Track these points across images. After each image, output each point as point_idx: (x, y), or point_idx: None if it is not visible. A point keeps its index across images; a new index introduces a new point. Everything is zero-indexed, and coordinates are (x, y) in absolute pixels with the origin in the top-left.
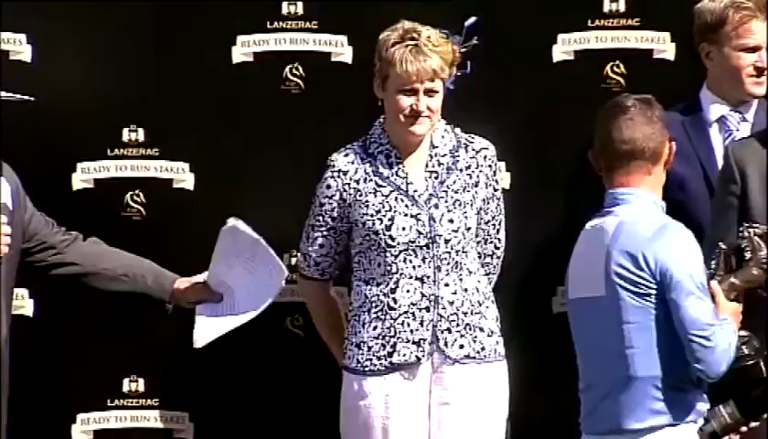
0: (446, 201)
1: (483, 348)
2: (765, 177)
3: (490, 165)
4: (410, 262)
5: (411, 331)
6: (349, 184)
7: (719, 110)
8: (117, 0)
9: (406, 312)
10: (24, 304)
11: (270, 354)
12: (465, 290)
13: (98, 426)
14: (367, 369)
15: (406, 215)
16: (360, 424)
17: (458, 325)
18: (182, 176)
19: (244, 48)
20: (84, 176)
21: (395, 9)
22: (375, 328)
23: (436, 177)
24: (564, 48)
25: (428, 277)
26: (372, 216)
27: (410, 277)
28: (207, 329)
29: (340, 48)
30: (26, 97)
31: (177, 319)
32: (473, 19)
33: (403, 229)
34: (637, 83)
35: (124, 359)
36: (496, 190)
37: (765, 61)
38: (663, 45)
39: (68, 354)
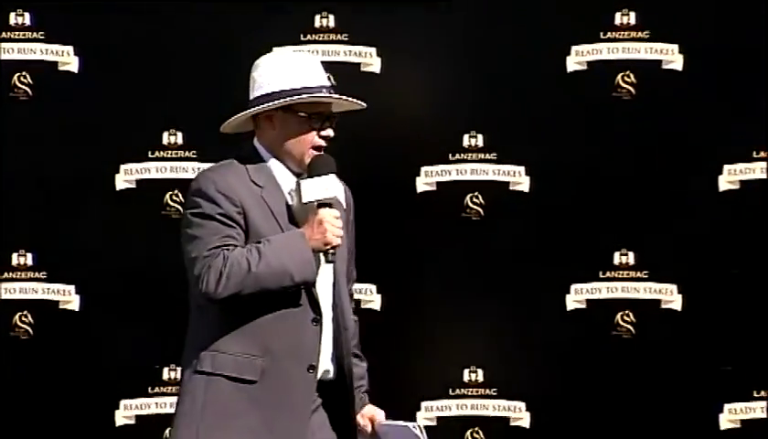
0: None
1: None
2: None
3: None
4: None
5: None
6: None
7: None
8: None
9: None
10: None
11: (600, 351)
12: None
13: (440, 413)
14: None
15: None
16: None
17: None
18: (518, 178)
19: (578, 57)
20: (427, 179)
21: None
22: None
23: None
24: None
25: None
26: None
27: None
28: None
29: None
30: (361, 103)
31: (508, 317)
32: None
33: None
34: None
35: (465, 352)
36: None
37: None
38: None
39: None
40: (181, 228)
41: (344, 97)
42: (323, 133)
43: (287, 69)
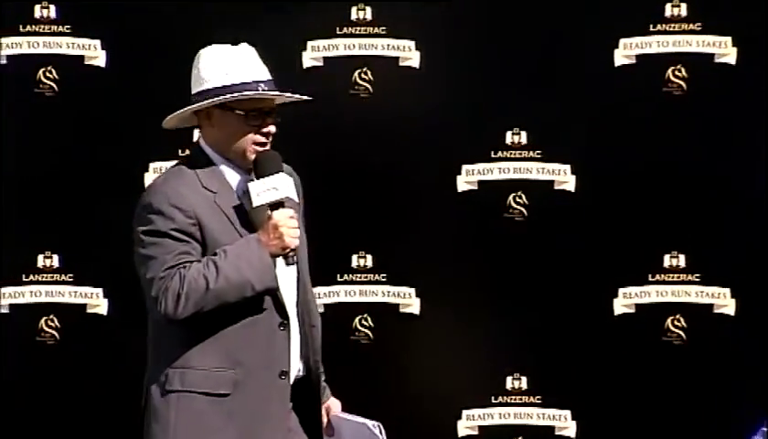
0: None
1: None
2: None
3: None
4: None
5: None
6: None
7: None
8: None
9: None
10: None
11: (649, 357)
12: None
13: (482, 422)
14: None
15: None
16: None
17: None
18: (563, 177)
19: (626, 51)
20: (468, 177)
21: None
22: None
23: None
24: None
25: None
26: None
27: None
28: None
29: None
30: (306, 97)
31: (553, 322)
32: None
33: None
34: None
35: (509, 358)
36: None
37: None
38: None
39: None
40: (134, 246)
41: (280, 93)
42: (264, 129)
43: (222, 64)
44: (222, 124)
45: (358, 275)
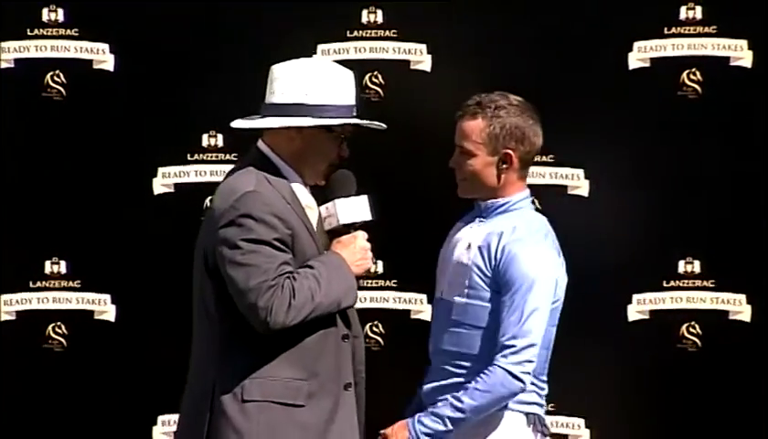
0: None
1: None
2: None
3: None
4: None
5: None
6: None
7: None
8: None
9: None
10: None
11: (664, 364)
12: None
13: None
14: None
15: None
16: None
17: None
18: (576, 182)
19: (641, 54)
20: None
21: None
22: None
23: None
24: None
25: None
26: None
27: None
28: None
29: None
30: (380, 125)
31: (566, 328)
32: None
33: None
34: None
35: None
36: None
37: None
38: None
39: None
40: (224, 250)
41: (376, 122)
42: (342, 152)
43: (337, 83)
44: (314, 140)
45: (369, 281)
